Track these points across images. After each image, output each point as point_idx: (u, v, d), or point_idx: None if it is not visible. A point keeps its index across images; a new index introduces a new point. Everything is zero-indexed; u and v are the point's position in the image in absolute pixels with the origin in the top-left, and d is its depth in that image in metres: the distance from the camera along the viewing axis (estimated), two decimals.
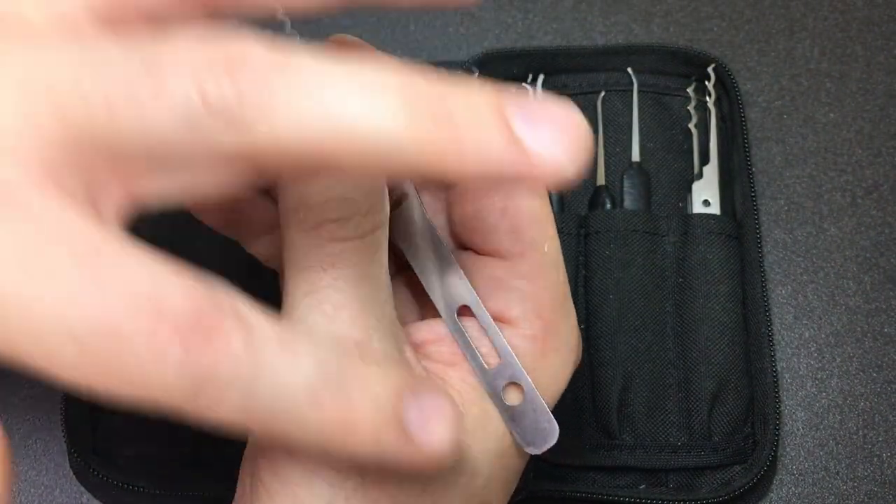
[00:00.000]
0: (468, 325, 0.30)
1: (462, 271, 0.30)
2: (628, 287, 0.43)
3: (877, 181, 0.48)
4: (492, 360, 0.30)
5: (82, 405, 0.42)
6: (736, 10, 0.52)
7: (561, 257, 0.31)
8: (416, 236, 0.31)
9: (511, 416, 0.30)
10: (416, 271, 0.31)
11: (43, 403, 0.45)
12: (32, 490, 0.43)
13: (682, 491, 0.42)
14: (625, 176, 0.46)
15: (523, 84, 0.48)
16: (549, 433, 0.30)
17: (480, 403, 0.29)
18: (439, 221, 0.33)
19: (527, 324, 0.30)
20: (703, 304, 0.43)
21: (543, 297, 0.30)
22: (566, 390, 0.31)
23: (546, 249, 0.30)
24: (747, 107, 0.50)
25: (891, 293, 0.46)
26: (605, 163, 0.47)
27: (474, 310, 0.30)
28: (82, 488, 0.43)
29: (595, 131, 0.48)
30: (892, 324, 0.46)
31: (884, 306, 0.46)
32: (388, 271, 0.29)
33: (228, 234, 0.34)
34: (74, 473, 0.43)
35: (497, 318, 0.30)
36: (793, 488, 0.43)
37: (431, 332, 0.31)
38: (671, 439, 0.42)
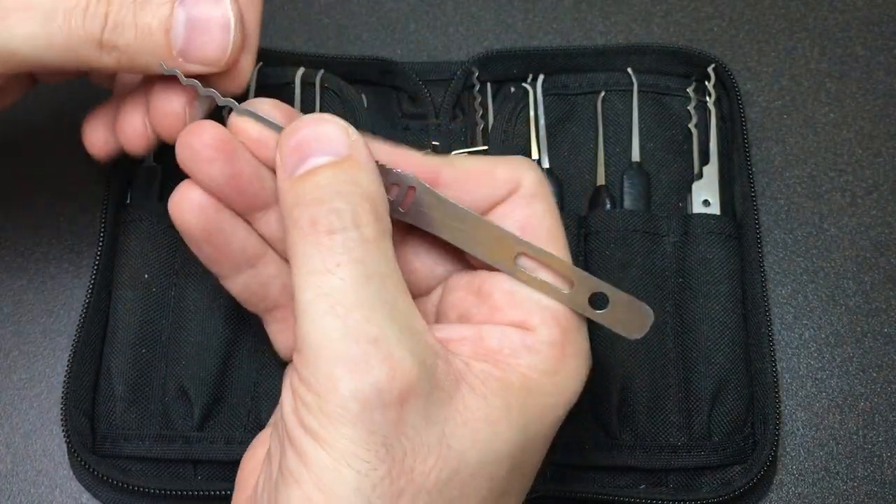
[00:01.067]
0: (525, 265, 0.32)
1: (500, 225, 0.32)
2: (628, 287, 0.43)
3: (877, 181, 0.48)
4: (563, 288, 0.32)
5: (82, 405, 0.42)
6: (736, 10, 0.53)
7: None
8: (445, 216, 0.32)
9: (607, 319, 0.32)
10: (458, 244, 0.32)
11: (43, 403, 0.45)
12: (32, 490, 0.43)
13: (682, 491, 0.42)
14: (625, 176, 0.46)
15: (523, 84, 0.48)
16: (647, 315, 0.32)
17: (503, 395, 0.30)
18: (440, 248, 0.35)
19: (546, 330, 0.31)
20: (703, 304, 0.43)
21: (559, 305, 0.32)
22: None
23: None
24: (747, 107, 0.50)
25: (891, 293, 0.46)
26: (605, 163, 0.47)
27: (530, 251, 0.32)
28: (82, 488, 0.43)
29: (595, 131, 0.48)
30: (892, 324, 0.46)
31: (884, 306, 0.46)
32: (397, 266, 0.30)
33: (213, 268, 0.35)
34: (74, 473, 0.43)
35: (518, 326, 0.32)
36: (793, 488, 0.43)
37: (455, 332, 0.32)
38: (671, 439, 0.42)
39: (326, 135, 0.30)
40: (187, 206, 0.33)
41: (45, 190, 0.49)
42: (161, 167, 0.47)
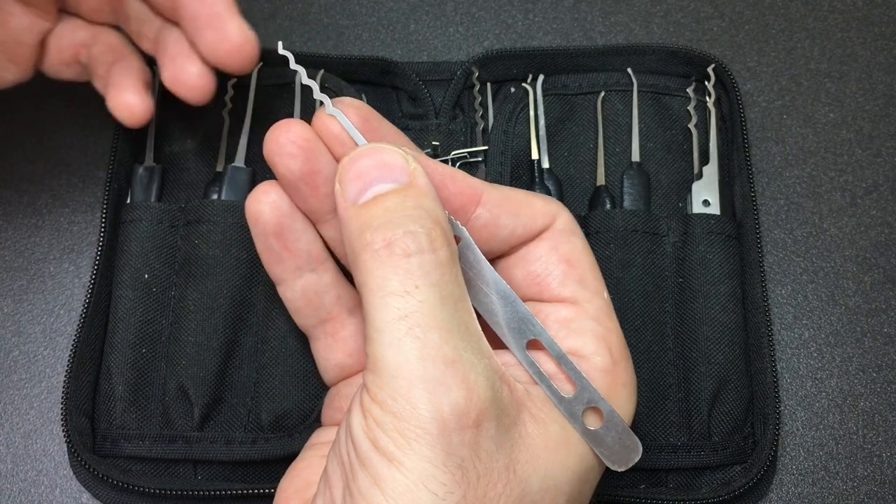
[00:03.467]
0: (538, 358, 0.32)
1: (526, 306, 0.32)
2: (628, 287, 0.43)
3: (876, 181, 0.48)
4: (566, 389, 0.31)
5: (82, 405, 0.42)
6: (736, 11, 0.53)
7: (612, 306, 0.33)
8: (476, 277, 0.32)
9: (594, 438, 0.31)
10: (480, 311, 0.32)
11: (43, 403, 0.45)
12: (32, 490, 0.44)
13: (682, 491, 0.42)
14: (625, 176, 0.46)
15: (523, 84, 0.48)
16: (634, 450, 0.31)
17: (561, 421, 0.30)
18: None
19: (600, 358, 0.32)
20: (702, 305, 0.43)
21: (611, 336, 0.32)
22: None
23: (605, 296, 0.33)
24: (747, 107, 0.50)
25: (890, 293, 0.46)
26: (605, 163, 0.47)
27: (544, 342, 0.31)
28: (82, 488, 0.43)
29: (595, 131, 0.48)
30: (891, 324, 0.46)
31: (883, 306, 0.46)
32: (465, 289, 0.30)
33: (276, 268, 0.36)
34: (74, 473, 0.43)
35: (572, 354, 0.31)
36: (792, 488, 0.43)
37: (506, 357, 0.32)
38: (671, 439, 0.42)
39: (387, 163, 0.30)
40: (265, 200, 0.34)
41: (45, 190, 0.49)
42: (161, 167, 0.47)
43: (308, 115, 0.47)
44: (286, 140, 0.33)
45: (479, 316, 0.31)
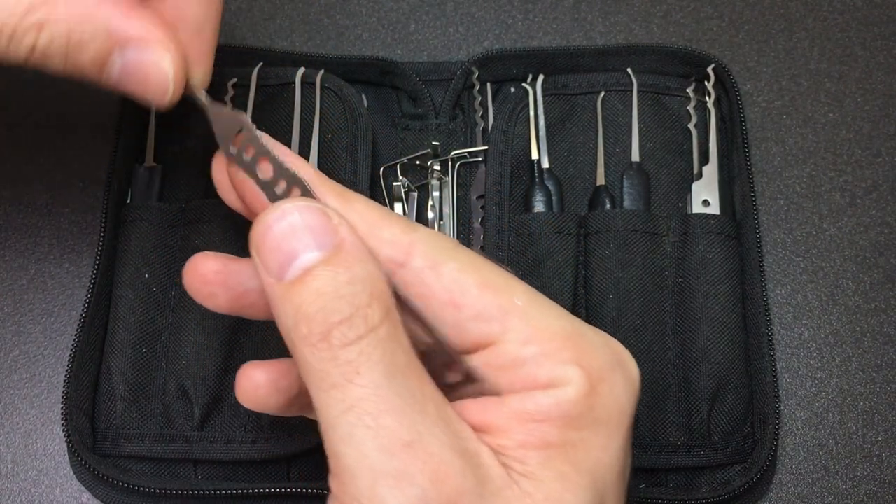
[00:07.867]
0: None
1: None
2: (628, 287, 0.43)
3: (876, 181, 0.49)
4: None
5: (82, 404, 0.43)
6: (736, 11, 0.53)
7: (540, 295, 0.28)
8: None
9: None
10: None
11: (43, 403, 0.45)
12: (32, 490, 0.44)
13: (681, 490, 0.42)
14: (624, 176, 0.46)
15: (523, 84, 0.48)
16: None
17: (552, 465, 0.27)
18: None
19: (574, 376, 0.27)
20: (702, 304, 0.43)
21: (544, 336, 0.27)
22: None
23: (518, 301, 0.28)
24: (747, 107, 0.50)
25: (890, 293, 0.46)
26: (605, 163, 0.47)
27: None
28: (82, 488, 0.43)
29: (595, 131, 0.48)
30: (891, 324, 0.46)
31: (883, 306, 0.46)
32: (413, 351, 0.27)
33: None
34: (75, 473, 0.43)
35: (544, 386, 0.27)
36: (792, 488, 0.43)
37: (476, 414, 0.28)
38: (671, 439, 0.42)
39: (307, 225, 0.27)
40: (258, 391, 0.32)
41: (45, 190, 0.49)
42: (161, 167, 0.47)
43: (308, 115, 0.47)
44: (198, 284, 0.31)
45: None
